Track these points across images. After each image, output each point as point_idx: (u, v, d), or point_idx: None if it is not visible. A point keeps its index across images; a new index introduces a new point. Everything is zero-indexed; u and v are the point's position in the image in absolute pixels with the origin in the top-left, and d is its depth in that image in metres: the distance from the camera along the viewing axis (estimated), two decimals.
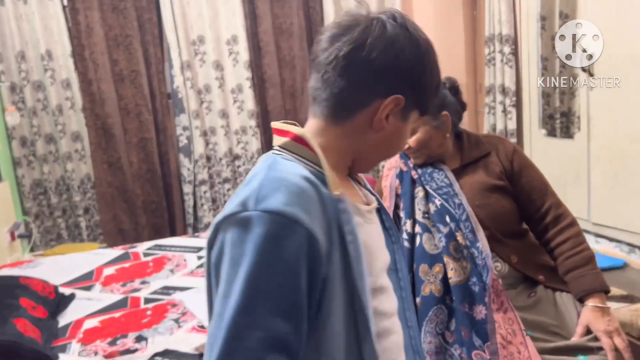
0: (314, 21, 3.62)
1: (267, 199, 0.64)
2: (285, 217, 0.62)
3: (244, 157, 3.57)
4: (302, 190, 0.66)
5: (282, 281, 0.62)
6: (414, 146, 1.39)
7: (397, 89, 0.75)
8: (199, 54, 3.42)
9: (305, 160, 0.74)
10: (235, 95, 3.50)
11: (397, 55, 0.74)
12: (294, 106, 3.67)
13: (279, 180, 0.66)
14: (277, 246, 0.62)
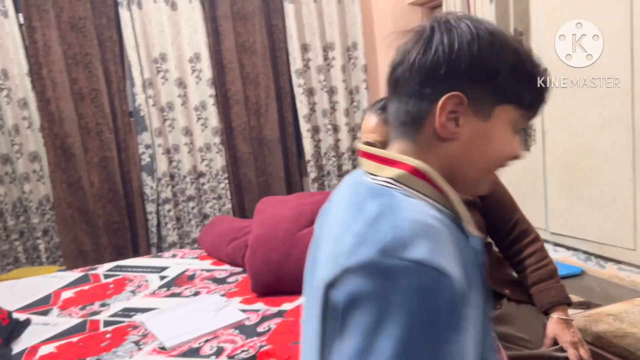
0: (277, 39, 3.66)
1: (411, 247, 0.56)
2: (435, 268, 0.55)
3: (209, 175, 3.55)
4: (441, 234, 0.59)
5: (435, 340, 0.55)
6: None
7: (454, 86, 0.66)
8: (161, 72, 3.40)
9: (426, 197, 0.66)
10: (199, 113, 3.49)
11: (446, 50, 0.66)
12: (259, 123, 3.67)
13: (416, 224, 0.58)
14: (430, 302, 0.54)
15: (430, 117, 0.68)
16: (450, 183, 0.67)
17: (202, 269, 2.41)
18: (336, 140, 3.83)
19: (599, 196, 2.55)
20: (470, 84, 0.66)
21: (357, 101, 3.85)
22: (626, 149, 2.42)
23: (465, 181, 0.69)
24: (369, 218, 0.61)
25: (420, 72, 0.68)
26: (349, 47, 3.79)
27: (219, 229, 2.60)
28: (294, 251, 1.96)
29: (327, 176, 3.85)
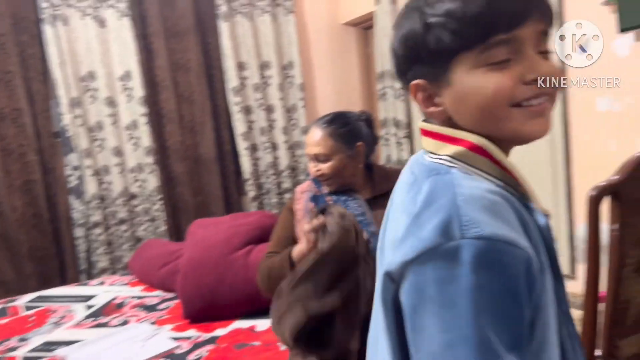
0: (212, 56, 3.62)
1: (475, 224, 0.53)
2: (502, 241, 0.53)
3: (141, 196, 3.43)
4: (502, 208, 0.57)
5: (510, 314, 0.53)
6: (327, 173, 1.41)
7: (413, 74, 0.66)
8: (89, 90, 3.27)
9: (487, 174, 0.63)
10: (131, 132, 3.38)
11: (395, 46, 0.67)
12: (194, 141, 3.60)
13: (478, 200, 0.56)
14: (500, 276, 0.52)
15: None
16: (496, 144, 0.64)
17: (132, 296, 2.31)
18: (275, 158, 3.81)
19: None
20: (418, 66, 0.65)
21: (295, 119, 3.86)
22: (547, 164, 2.55)
23: (498, 134, 0.63)
24: (425, 198, 0.59)
25: (394, 68, 0.70)
26: (285, 65, 3.81)
27: (150, 253, 2.51)
28: (227, 274, 1.91)
29: (266, 194, 3.82)
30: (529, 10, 0.59)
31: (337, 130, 1.40)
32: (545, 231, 0.64)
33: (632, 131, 2.20)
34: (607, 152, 2.31)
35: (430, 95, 0.66)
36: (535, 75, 0.60)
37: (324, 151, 1.39)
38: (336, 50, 4.03)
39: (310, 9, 3.92)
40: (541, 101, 0.62)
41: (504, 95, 0.60)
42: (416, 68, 0.66)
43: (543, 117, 0.63)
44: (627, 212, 1.19)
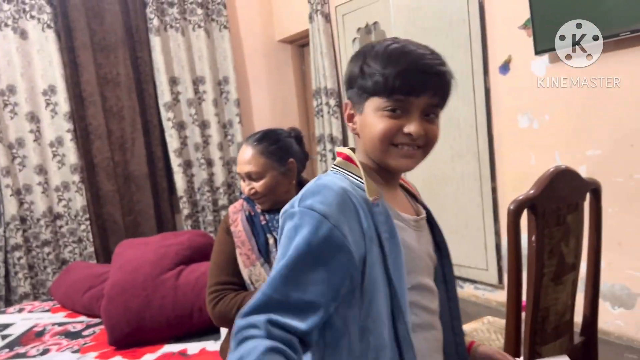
0: (142, 71, 3.52)
1: (307, 199, 0.80)
2: (315, 211, 0.78)
3: (67, 216, 3.26)
4: (336, 194, 0.80)
5: (306, 260, 0.76)
6: (261, 191, 1.39)
7: (348, 95, 0.90)
8: (9, 105, 3.09)
9: (352, 174, 0.88)
10: (55, 149, 3.21)
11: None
12: (124, 158, 3.47)
13: (318, 187, 0.82)
14: (311, 233, 0.77)
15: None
16: (372, 161, 0.90)
17: (53, 322, 2.17)
18: (210, 174, 3.74)
19: (454, 221, 2.76)
20: (351, 91, 0.88)
21: (231, 135, 3.81)
22: (475, 178, 2.65)
23: (377, 159, 0.88)
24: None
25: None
26: (220, 81, 3.77)
27: (75, 276, 2.37)
28: (155, 297, 1.84)
29: (201, 212, 3.73)
30: (424, 89, 0.82)
31: (268, 148, 1.39)
32: (385, 216, 0.84)
33: (549, 146, 2.34)
34: (528, 166, 2.44)
35: (352, 115, 0.90)
36: (411, 131, 0.82)
37: (256, 169, 1.38)
38: (272, 66, 4.04)
39: (245, 25, 3.92)
40: (412, 148, 0.85)
41: (387, 135, 0.84)
42: (350, 92, 0.89)
43: (411, 159, 0.85)
44: (543, 224, 1.25)
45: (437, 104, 0.85)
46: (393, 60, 0.81)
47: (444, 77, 0.83)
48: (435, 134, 0.86)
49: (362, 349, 0.81)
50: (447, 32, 2.66)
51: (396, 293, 0.82)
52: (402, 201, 0.95)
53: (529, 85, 2.37)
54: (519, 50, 2.38)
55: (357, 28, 3.27)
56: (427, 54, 0.83)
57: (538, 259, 1.26)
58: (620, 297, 2.19)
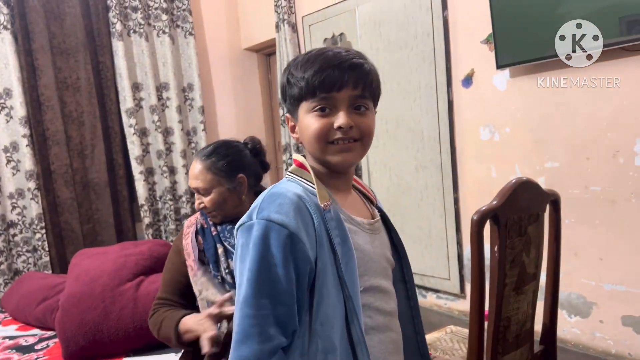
0: (104, 76, 3.43)
1: (263, 211, 0.82)
2: (273, 222, 0.80)
3: (21, 224, 3.12)
4: (291, 202, 0.82)
5: (274, 271, 0.79)
6: (209, 207, 1.38)
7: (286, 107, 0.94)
8: None
9: (305, 181, 0.90)
10: (9, 155, 3.08)
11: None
12: (84, 165, 3.36)
13: (272, 196, 0.84)
14: (267, 244, 0.79)
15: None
16: (321, 165, 0.92)
17: (4, 336, 2.07)
18: (173, 182, 3.67)
19: (418, 231, 2.79)
20: (286, 104, 0.93)
21: (195, 142, 3.76)
22: (438, 188, 2.70)
23: (320, 160, 0.91)
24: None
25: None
26: (185, 88, 3.71)
27: (28, 287, 2.27)
28: (114, 308, 1.78)
29: (163, 221, 3.65)
30: (343, 82, 0.85)
31: (216, 164, 1.37)
32: (334, 233, 0.85)
33: (509, 158, 2.40)
34: (489, 177, 2.49)
35: (294, 126, 0.93)
36: (339, 124, 0.85)
37: (203, 185, 1.37)
38: (238, 74, 4.01)
39: (210, 32, 3.88)
40: (347, 142, 0.87)
41: (320, 133, 0.87)
42: (286, 105, 0.93)
43: (348, 152, 0.88)
44: (505, 234, 1.27)
45: (362, 95, 0.87)
46: (311, 64, 0.87)
47: (361, 68, 0.87)
48: (367, 125, 0.89)
49: (311, 351, 0.83)
50: (412, 45, 2.71)
51: (349, 296, 0.85)
52: (356, 204, 0.98)
53: (490, 98, 2.43)
54: (481, 64, 2.44)
55: (323, 38, 3.29)
56: (342, 52, 0.88)
57: (500, 269, 1.28)
58: (576, 306, 2.25)
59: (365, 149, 0.91)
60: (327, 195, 0.88)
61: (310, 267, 0.82)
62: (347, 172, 0.96)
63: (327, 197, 0.88)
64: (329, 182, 0.93)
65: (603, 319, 2.18)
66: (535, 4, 2.13)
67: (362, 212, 0.97)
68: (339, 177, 0.94)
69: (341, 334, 0.84)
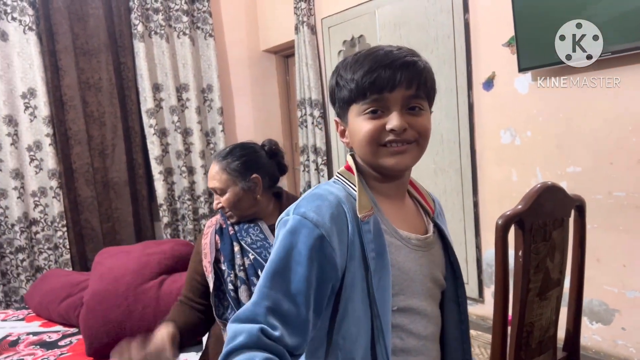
0: (125, 77, 3.48)
1: (301, 208, 0.81)
2: (307, 219, 0.78)
3: (43, 222, 3.18)
4: (330, 206, 0.80)
5: (294, 268, 0.77)
6: (225, 206, 1.43)
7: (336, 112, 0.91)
8: None
9: (351, 185, 0.87)
10: (33, 153, 3.14)
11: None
12: (104, 164, 3.41)
13: (314, 196, 0.83)
14: (295, 239, 0.78)
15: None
16: (373, 170, 0.88)
17: (28, 332, 2.10)
18: (191, 182, 3.70)
19: None
20: (335, 107, 0.90)
21: (214, 143, 3.79)
22: (457, 192, 2.68)
23: (372, 164, 0.87)
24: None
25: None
26: (204, 89, 3.74)
27: (51, 284, 2.30)
28: (137, 307, 1.80)
29: (181, 220, 3.68)
30: (395, 81, 0.80)
31: (230, 164, 1.43)
32: (369, 247, 0.81)
33: (531, 163, 2.38)
34: (509, 182, 2.48)
35: (343, 130, 0.90)
36: (392, 126, 0.81)
37: (219, 185, 1.42)
38: (256, 76, 4.03)
39: (230, 34, 3.91)
40: (400, 144, 0.83)
41: (372, 136, 0.83)
42: (335, 109, 0.90)
43: (403, 155, 0.83)
44: (529, 239, 1.26)
45: (416, 95, 0.82)
46: (360, 64, 0.82)
47: (414, 66, 0.81)
48: (423, 125, 0.83)
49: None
50: (432, 47, 2.70)
51: (377, 315, 0.80)
52: (407, 215, 0.92)
53: (511, 101, 2.41)
54: (502, 67, 2.42)
55: (342, 40, 3.30)
56: (393, 49, 0.82)
57: (524, 274, 1.27)
58: (598, 313, 2.22)
59: (422, 151, 0.85)
60: (368, 205, 0.83)
61: (335, 276, 0.79)
62: (401, 177, 0.90)
63: (369, 206, 0.83)
64: (380, 188, 0.88)
65: (625, 327, 2.15)
66: (558, 7, 2.11)
67: (414, 225, 0.91)
68: (392, 182, 0.89)
69: (364, 352, 0.80)
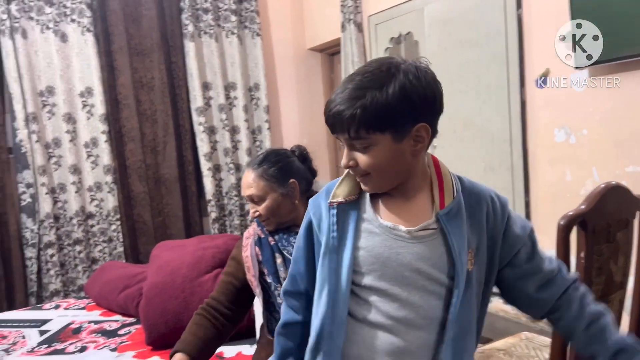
0: (176, 76, 3.58)
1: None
2: (308, 211, 1.03)
3: (99, 216, 3.31)
4: (319, 196, 1.02)
5: (297, 243, 1.06)
6: (264, 214, 1.41)
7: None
8: (47, 106, 3.16)
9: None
10: (90, 150, 3.27)
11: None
12: (156, 161, 3.52)
13: (322, 191, 1.03)
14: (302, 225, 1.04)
15: None
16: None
17: (89, 320, 2.21)
18: (238, 179, 3.78)
19: None
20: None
21: (260, 141, 3.85)
22: (507, 191, 2.64)
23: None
24: None
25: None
26: (251, 87, 3.81)
27: (109, 275, 2.41)
28: (193, 299, 1.86)
29: (228, 216, 3.76)
30: (334, 130, 0.91)
31: (267, 170, 1.41)
32: (330, 221, 0.97)
33: (586, 162, 2.32)
34: (562, 181, 2.42)
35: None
36: (341, 164, 0.95)
37: (257, 192, 1.40)
38: (302, 74, 4.07)
39: (277, 33, 3.96)
40: (359, 175, 0.94)
41: (344, 165, 0.95)
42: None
43: (365, 184, 0.95)
44: (592, 240, 1.24)
45: (355, 137, 0.88)
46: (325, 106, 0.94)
47: (340, 116, 0.87)
48: (365, 162, 0.91)
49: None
50: (483, 43, 2.66)
51: (328, 283, 0.98)
52: (405, 210, 0.96)
53: (567, 99, 2.35)
54: (557, 63, 2.36)
55: (389, 38, 3.29)
56: (337, 95, 0.89)
57: (586, 276, 1.24)
58: None
59: (382, 179, 0.94)
60: (342, 195, 0.97)
61: (318, 249, 0.99)
62: (397, 187, 0.96)
63: (343, 196, 0.97)
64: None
65: None
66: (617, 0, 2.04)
67: (412, 219, 0.94)
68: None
69: (323, 312, 0.96)
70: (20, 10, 3.04)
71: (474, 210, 0.97)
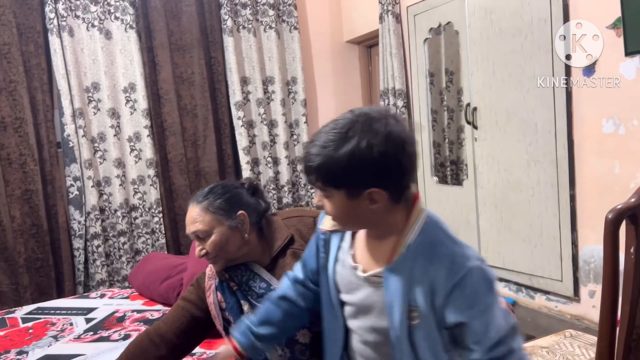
0: (215, 71, 3.63)
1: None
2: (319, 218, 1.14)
3: (142, 208, 3.40)
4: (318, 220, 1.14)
5: (309, 243, 1.17)
6: (211, 251, 1.29)
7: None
8: (92, 102, 3.27)
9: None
10: (133, 144, 3.37)
11: None
12: (196, 155, 3.59)
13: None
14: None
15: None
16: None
17: (132, 309, 2.28)
18: (276, 172, 3.81)
19: (528, 229, 2.67)
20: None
21: (297, 134, 3.87)
22: (552, 185, 2.55)
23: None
24: None
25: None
26: (289, 81, 3.82)
27: (152, 266, 2.47)
28: None
29: None
30: (304, 171, 0.98)
31: (213, 203, 1.30)
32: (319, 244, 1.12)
33: (636, 154, 2.21)
34: (611, 174, 2.32)
35: None
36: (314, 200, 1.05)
37: (203, 227, 1.28)
38: (339, 67, 4.05)
39: (314, 26, 3.95)
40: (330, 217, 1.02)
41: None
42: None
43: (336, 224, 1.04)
44: None
45: (316, 185, 0.95)
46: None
47: (307, 164, 0.93)
48: (327, 208, 0.97)
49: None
50: (527, 32, 2.57)
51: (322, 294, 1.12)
52: (375, 247, 1.01)
53: (615, 88, 2.25)
54: (606, 51, 2.26)
55: (429, 28, 3.23)
56: (312, 142, 0.94)
57: (636, 272, 1.19)
58: None
59: (345, 225, 1.02)
60: (328, 224, 1.06)
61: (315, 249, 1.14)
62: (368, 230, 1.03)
63: (328, 226, 1.07)
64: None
65: None
66: None
67: (376, 258, 1.00)
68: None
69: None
70: (66, 9, 3.15)
71: (426, 269, 0.92)
